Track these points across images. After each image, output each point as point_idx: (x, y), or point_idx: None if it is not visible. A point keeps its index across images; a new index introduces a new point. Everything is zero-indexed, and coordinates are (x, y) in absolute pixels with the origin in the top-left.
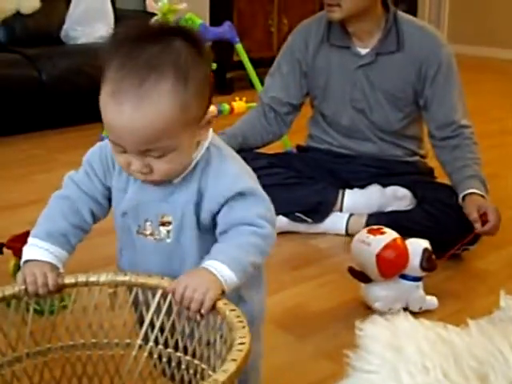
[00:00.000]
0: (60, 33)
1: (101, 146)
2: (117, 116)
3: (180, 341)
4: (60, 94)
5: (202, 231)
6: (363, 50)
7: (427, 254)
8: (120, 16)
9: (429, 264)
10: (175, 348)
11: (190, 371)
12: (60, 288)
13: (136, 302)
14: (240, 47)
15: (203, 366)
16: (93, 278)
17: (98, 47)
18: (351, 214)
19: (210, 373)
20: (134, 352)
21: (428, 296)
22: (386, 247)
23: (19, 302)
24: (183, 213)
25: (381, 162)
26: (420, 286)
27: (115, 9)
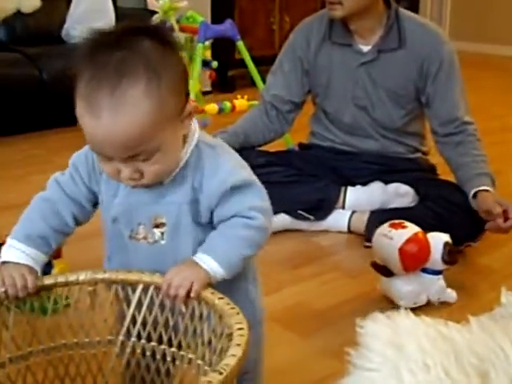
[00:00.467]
0: (61, 32)
1: (88, 149)
2: (95, 127)
3: (164, 334)
4: (61, 94)
5: (198, 229)
6: (365, 48)
7: (448, 247)
8: (121, 14)
9: (450, 257)
10: (159, 342)
11: (177, 362)
12: (39, 290)
13: (118, 299)
14: (241, 45)
15: (190, 355)
16: (72, 278)
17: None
18: (353, 212)
19: (199, 362)
20: (116, 349)
21: (448, 289)
22: (409, 241)
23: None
24: (178, 213)
25: (383, 159)
26: (441, 279)
27: (116, 7)
